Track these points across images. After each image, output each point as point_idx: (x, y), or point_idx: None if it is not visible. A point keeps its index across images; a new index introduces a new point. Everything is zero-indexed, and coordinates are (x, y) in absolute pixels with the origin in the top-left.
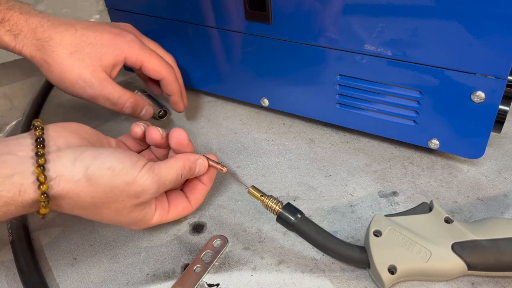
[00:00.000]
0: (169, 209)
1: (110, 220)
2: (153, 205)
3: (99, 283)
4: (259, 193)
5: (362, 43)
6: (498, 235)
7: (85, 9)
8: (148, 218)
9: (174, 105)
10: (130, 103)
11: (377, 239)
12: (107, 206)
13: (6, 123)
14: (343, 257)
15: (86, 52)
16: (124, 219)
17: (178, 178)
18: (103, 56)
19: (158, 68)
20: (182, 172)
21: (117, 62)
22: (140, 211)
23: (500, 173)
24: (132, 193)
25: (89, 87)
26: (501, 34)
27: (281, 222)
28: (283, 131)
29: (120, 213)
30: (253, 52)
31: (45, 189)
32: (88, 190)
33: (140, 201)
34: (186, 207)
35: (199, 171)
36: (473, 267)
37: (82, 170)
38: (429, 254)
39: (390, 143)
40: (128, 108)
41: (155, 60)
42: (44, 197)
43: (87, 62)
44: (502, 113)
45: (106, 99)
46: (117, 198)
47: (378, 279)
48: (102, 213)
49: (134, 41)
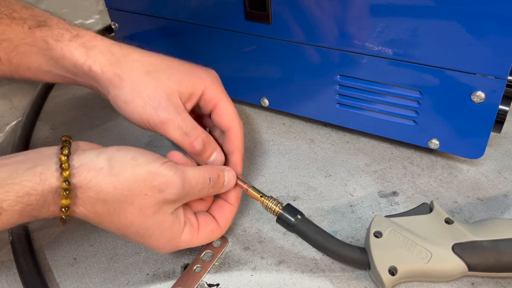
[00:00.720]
0: (199, 228)
1: (135, 226)
2: (181, 215)
3: (99, 283)
4: (258, 193)
5: (362, 43)
6: (499, 236)
7: (85, 9)
8: (176, 230)
9: (235, 166)
10: (202, 139)
11: (377, 240)
12: (130, 200)
13: (6, 123)
14: (344, 258)
15: (165, 73)
16: (149, 222)
17: (206, 182)
18: (183, 81)
19: (232, 114)
20: (211, 176)
21: (195, 92)
22: (167, 214)
23: (500, 173)
24: (155, 185)
25: (162, 110)
26: (501, 34)
27: (281, 223)
28: (283, 131)
29: (145, 212)
30: (253, 52)
31: (68, 175)
32: (111, 179)
33: (164, 197)
34: (216, 228)
35: (228, 183)
36: (474, 268)
37: (105, 160)
38: (429, 255)
39: (390, 143)
40: (199, 144)
41: (232, 105)
42: (66, 184)
43: (165, 83)
44: (502, 113)
45: (178, 127)
46: (140, 190)
47: (379, 280)
48: (126, 211)
49: (216, 77)
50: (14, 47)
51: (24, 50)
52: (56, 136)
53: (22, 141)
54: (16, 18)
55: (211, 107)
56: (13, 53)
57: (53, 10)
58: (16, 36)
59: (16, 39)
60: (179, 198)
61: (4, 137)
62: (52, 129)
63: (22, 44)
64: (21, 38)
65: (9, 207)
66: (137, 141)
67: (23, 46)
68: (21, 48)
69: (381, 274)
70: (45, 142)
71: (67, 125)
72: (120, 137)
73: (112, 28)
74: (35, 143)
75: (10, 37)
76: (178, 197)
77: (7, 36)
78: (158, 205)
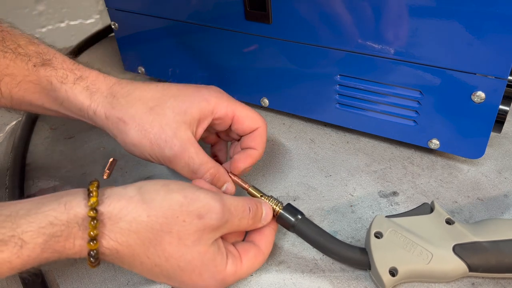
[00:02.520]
0: (241, 257)
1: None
2: (222, 246)
3: (99, 283)
4: (259, 193)
5: (362, 43)
6: (499, 236)
7: (85, 9)
8: (220, 263)
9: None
10: (210, 175)
11: (378, 241)
12: (167, 229)
13: (6, 123)
14: (344, 259)
15: (168, 106)
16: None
17: (246, 211)
18: (188, 109)
19: (254, 116)
20: (250, 205)
21: (204, 115)
22: (208, 245)
23: (500, 173)
24: (193, 210)
25: (169, 148)
26: (501, 34)
27: (281, 223)
28: (283, 131)
29: (185, 242)
30: (253, 52)
31: (95, 202)
32: (143, 207)
33: (204, 224)
34: (258, 253)
35: (266, 216)
36: (474, 269)
37: (135, 189)
38: (430, 256)
39: (390, 143)
40: (207, 179)
41: (248, 108)
42: (93, 213)
43: (169, 117)
44: (502, 113)
45: (186, 164)
46: (177, 217)
47: (379, 281)
48: (163, 242)
49: (221, 92)
50: (17, 83)
51: (27, 87)
52: (56, 136)
53: (22, 141)
54: (21, 54)
55: (229, 121)
56: (15, 89)
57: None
58: (19, 72)
59: (20, 76)
60: (220, 225)
61: (4, 137)
62: (52, 129)
63: (25, 81)
64: (25, 75)
65: (31, 240)
66: None
67: (27, 83)
68: (25, 85)
69: (381, 275)
70: (45, 142)
71: (67, 125)
72: None
73: (112, 28)
74: (35, 143)
75: (13, 72)
76: (219, 224)
77: (11, 71)
78: (198, 233)
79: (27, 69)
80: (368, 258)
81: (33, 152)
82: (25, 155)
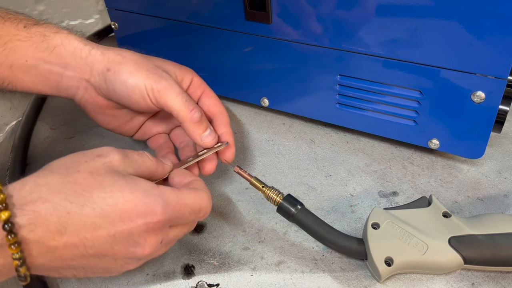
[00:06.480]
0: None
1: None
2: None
3: (99, 283)
4: (260, 184)
5: (362, 43)
6: (495, 230)
7: (85, 9)
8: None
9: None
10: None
11: (375, 232)
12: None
13: (6, 123)
14: (341, 248)
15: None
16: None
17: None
18: (175, 68)
19: (218, 100)
20: None
21: (186, 78)
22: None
23: (500, 173)
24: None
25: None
26: (501, 34)
27: (281, 213)
28: (283, 131)
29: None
30: (253, 52)
31: None
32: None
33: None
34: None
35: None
36: (469, 261)
37: None
38: (426, 247)
39: (390, 143)
40: (197, 113)
41: (214, 92)
42: None
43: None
44: (502, 113)
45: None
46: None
47: (375, 270)
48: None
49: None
50: (3, 43)
51: (12, 46)
52: (56, 136)
53: (22, 141)
54: (11, 19)
55: (200, 93)
56: None
57: (53, 10)
58: (7, 33)
59: (7, 36)
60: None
61: (4, 137)
62: (52, 129)
63: (12, 40)
64: (13, 35)
65: None
66: (135, 142)
67: (13, 42)
68: (10, 44)
69: (377, 265)
70: (45, 142)
71: (67, 125)
72: (119, 137)
73: (112, 28)
74: (35, 143)
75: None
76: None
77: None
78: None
79: (16, 29)
80: (364, 248)
81: (33, 152)
82: (25, 155)
